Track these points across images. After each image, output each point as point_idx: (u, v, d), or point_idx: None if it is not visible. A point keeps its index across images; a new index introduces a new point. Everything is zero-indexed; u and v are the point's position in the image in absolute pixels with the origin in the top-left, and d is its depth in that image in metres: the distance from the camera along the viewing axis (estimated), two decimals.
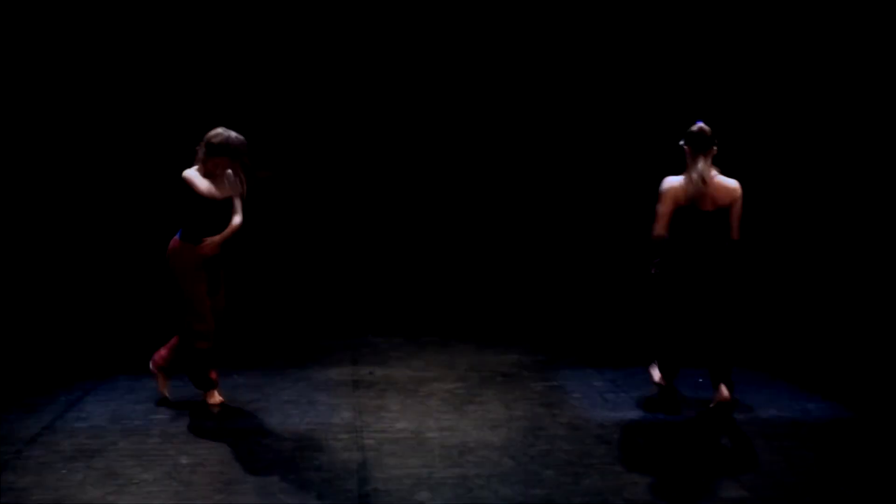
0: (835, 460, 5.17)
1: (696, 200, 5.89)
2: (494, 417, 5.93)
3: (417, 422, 5.82)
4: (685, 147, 5.97)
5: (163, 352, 6.14)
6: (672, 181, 5.95)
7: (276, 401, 6.26)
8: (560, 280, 9.16)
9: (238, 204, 5.97)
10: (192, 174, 5.87)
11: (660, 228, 5.93)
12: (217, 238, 5.87)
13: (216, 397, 6.14)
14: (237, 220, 5.92)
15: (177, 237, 5.93)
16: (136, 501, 4.56)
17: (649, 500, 4.58)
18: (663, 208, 5.92)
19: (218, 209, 5.89)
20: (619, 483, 4.79)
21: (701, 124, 6.01)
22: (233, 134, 5.88)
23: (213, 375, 6.10)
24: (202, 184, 5.85)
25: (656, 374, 6.38)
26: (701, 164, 5.89)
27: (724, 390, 5.92)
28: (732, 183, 5.98)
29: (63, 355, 7.42)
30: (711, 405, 5.95)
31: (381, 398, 6.36)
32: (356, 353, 7.70)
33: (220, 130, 5.89)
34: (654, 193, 6.09)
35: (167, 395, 6.19)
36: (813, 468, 5.05)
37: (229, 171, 5.94)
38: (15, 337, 7.78)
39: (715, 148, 5.97)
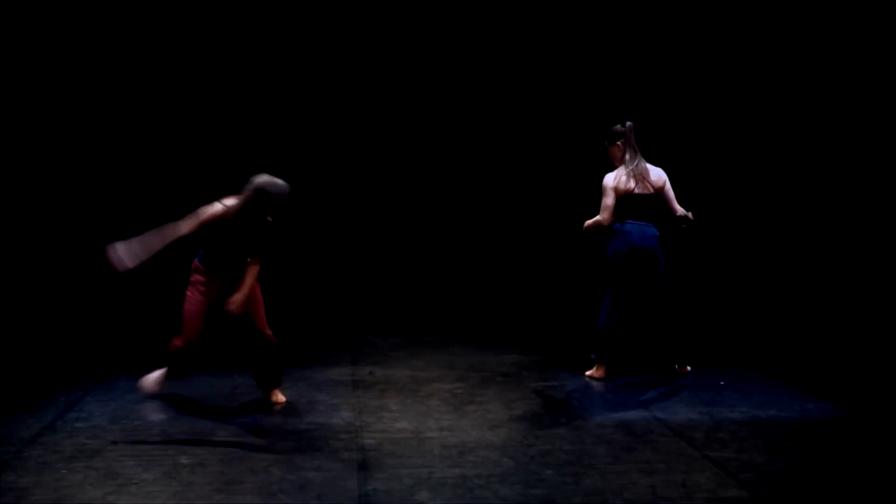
0: (835, 460, 5.17)
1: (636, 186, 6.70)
2: (494, 417, 5.93)
3: (417, 422, 5.83)
4: (620, 143, 6.75)
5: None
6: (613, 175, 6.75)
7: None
8: (560, 280, 9.16)
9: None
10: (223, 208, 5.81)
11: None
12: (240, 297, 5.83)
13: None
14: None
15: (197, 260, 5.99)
16: (136, 501, 4.56)
17: (649, 500, 4.58)
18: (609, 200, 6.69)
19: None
20: (619, 483, 4.79)
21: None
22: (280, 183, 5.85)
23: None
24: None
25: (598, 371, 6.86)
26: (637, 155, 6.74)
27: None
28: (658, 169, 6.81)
29: (63, 355, 7.43)
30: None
31: (381, 398, 6.36)
32: (356, 353, 7.70)
33: (273, 181, 5.85)
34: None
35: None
36: (813, 468, 5.05)
37: None
38: (15, 337, 7.79)
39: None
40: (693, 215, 6.78)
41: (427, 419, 5.88)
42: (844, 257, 8.89)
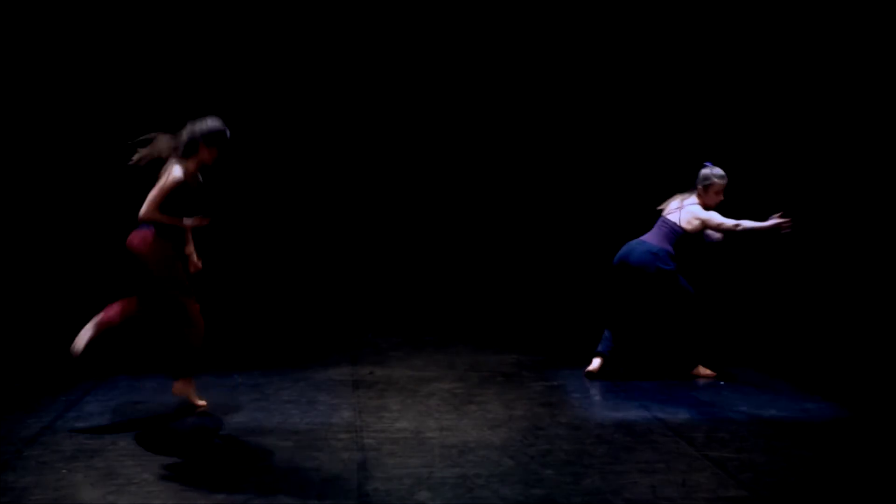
0: (835, 460, 5.17)
1: None
2: (494, 417, 5.93)
3: (417, 422, 5.82)
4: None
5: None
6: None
7: (276, 401, 6.27)
8: (560, 280, 9.16)
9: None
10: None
11: None
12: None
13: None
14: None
15: (149, 231, 5.88)
16: (136, 501, 4.56)
17: (649, 500, 4.58)
18: None
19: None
20: (619, 483, 4.79)
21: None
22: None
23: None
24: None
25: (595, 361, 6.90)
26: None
27: (702, 370, 6.89)
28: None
29: (63, 356, 7.41)
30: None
31: (381, 398, 6.36)
32: (356, 353, 7.70)
33: (213, 120, 5.99)
34: (655, 196, 6.78)
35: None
36: (813, 468, 5.05)
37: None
38: (15, 337, 7.79)
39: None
40: (782, 215, 6.80)
41: (427, 419, 5.88)
42: (844, 257, 8.88)
